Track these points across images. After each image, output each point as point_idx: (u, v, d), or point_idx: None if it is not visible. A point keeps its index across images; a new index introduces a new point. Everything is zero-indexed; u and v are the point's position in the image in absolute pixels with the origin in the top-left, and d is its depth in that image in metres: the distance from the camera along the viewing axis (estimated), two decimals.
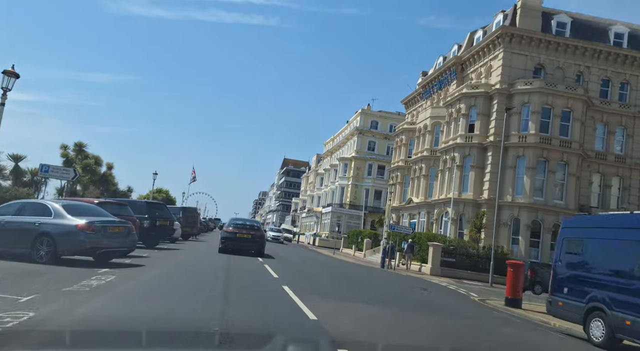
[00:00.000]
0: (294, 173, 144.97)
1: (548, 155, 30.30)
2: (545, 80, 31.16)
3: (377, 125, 65.33)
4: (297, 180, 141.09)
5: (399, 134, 46.00)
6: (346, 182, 64.59)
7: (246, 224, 21.62)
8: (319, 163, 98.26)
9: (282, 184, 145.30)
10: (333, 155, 79.46)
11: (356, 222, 61.49)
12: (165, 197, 69.05)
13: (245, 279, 12.03)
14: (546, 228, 29.85)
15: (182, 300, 8.04)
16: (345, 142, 70.86)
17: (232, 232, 20.42)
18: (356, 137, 64.43)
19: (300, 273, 16.50)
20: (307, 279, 14.80)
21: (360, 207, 62.69)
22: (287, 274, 14.28)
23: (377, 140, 64.59)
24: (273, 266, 16.09)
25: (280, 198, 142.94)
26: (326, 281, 14.99)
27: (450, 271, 27.38)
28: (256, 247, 20.69)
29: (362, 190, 63.16)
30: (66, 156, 34.71)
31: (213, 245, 27.25)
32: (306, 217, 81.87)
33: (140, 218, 17.85)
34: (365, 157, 63.30)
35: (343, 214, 61.38)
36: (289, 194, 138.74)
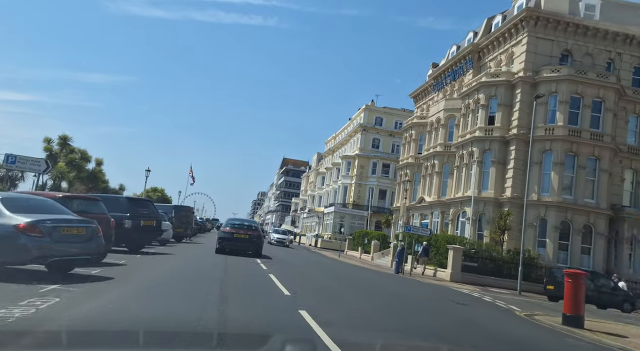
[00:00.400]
0: (293, 173, 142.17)
1: (577, 149, 27.54)
2: (575, 67, 28.39)
3: (381, 122, 62.55)
4: (297, 180, 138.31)
5: (408, 129, 43.23)
6: (349, 181, 61.80)
7: (243, 224, 21.14)
8: (319, 162, 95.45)
9: (281, 184, 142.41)
10: (335, 154, 76.67)
11: (360, 222, 58.70)
12: (161, 196, 66.22)
13: (249, 298, 9.20)
14: (576, 230, 27.09)
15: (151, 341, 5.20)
16: (348, 139, 68.06)
17: (229, 232, 19.95)
18: (360, 134, 61.64)
19: (311, 284, 13.69)
20: (322, 293, 12.00)
21: (364, 207, 59.92)
22: (298, 288, 11.46)
23: (381, 137, 61.81)
24: (279, 275, 13.28)
25: (279, 198, 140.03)
26: (347, 296, 12.19)
27: (472, 277, 24.62)
28: (253, 247, 20.24)
29: (366, 190, 60.38)
30: (49, 150, 31.89)
31: (208, 247, 24.43)
32: (307, 218, 79.05)
33: (119, 217, 15.03)
34: (369, 155, 60.53)
35: (346, 214, 58.58)
36: (289, 194, 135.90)
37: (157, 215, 17.01)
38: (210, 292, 8.94)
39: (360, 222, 58.77)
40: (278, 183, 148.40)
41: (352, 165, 62.06)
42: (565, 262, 26.86)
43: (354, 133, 64.56)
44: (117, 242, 15.85)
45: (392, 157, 60.26)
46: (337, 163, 67.72)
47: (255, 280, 12.01)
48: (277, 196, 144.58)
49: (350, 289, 14.13)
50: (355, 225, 58.95)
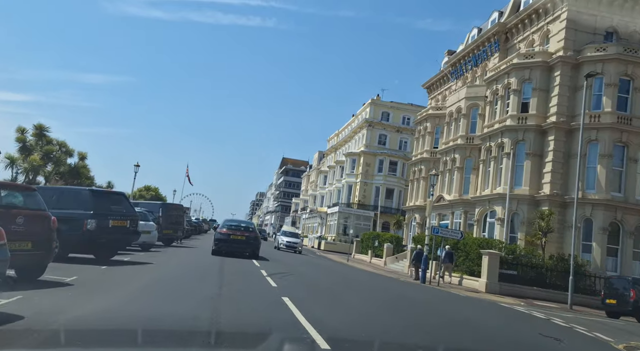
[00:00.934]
0: (293, 172, 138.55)
1: (628, 139, 23.89)
2: (623, 46, 24.76)
3: (388, 117, 58.90)
4: (297, 179, 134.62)
5: (422, 122, 39.52)
6: (354, 180, 58.13)
7: (240, 226, 20.76)
8: (321, 160, 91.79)
9: (281, 184, 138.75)
10: (338, 151, 73.03)
11: (366, 223, 55.05)
12: (155, 195, 62.53)
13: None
14: (627, 232, 23.45)
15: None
16: (352, 136, 64.39)
17: (226, 233, 19.52)
18: (365, 130, 57.97)
19: (329, 298, 9.98)
20: (358, 321, 8.26)
21: (370, 207, 56.31)
22: (317, 307, 7.74)
23: (388, 133, 58.15)
24: (295, 297, 9.57)
25: (279, 198, 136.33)
26: (387, 320, 8.47)
27: (510, 288, 20.94)
28: (250, 249, 19.95)
29: (372, 189, 56.73)
30: (23, 141, 28.06)
31: (201, 253, 20.73)
32: (309, 218, 75.36)
33: (80, 216, 11.36)
34: (376, 152, 56.86)
35: (351, 215, 54.87)
36: (289, 194, 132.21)
37: (132, 214, 13.30)
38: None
39: (366, 223, 55.13)
40: (277, 183, 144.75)
41: (357, 162, 58.38)
42: (614, 269, 23.23)
43: (359, 129, 60.90)
44: (78, 249, 12.19)
45: (399, 154, 56.64)
46: (341, 161, 64.06)
47: (268, 314, 8.28)
48: (277, 196, 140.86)
49: (387, 310, 10.46)
50: (361, 226, 55.27)
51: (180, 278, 11.43)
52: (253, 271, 14.50)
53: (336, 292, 13.01)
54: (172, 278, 11.44)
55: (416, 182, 37.74)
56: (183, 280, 11.19)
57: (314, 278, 16.42)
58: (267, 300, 9.19)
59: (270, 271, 14.67)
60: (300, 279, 14.85)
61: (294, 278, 14.52)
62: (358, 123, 61.88)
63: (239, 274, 13.47)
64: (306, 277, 16.25)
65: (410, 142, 58.39)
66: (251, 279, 12.61)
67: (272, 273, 14.11)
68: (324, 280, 16.60)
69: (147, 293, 8.54)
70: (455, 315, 11.74)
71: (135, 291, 8.53)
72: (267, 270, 15.24)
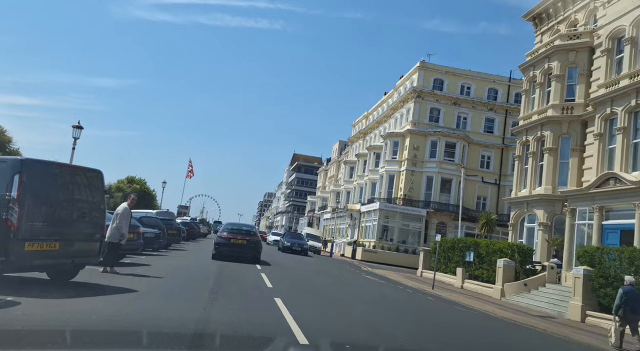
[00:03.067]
0: (306, 168, 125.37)
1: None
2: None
3: (442, 85, 45.37)
4: (311, 176, 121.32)
5: (539, 63, 25.19)
6: (396, 168, 44.69)
7: (242, 229, 20.13)
8: (343, 151, 78.38)
9: (292, 181, 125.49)
10: (369, 136, 59.62)
11: (415, 224, 41.59)
12: (140, 189, 49.36)
13: None
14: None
15: None
16: (390, 114, 50.91)
17: (226, 237, 19.03)
18: (412, 103, 44.50)
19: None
20: None
21: (419, 203, 42.84)
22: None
23: (442, 107, 44.65)
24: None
25: (290, 197, 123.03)
26: None
27: None
28: (251, 253, 19.23)
29: (422, 179, 43.24)
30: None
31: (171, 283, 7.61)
32: (332, 219, 61.92)
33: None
34: (427, 131, 43.40)
35: (396, 213, 41.36)
36: (302, 193, 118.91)
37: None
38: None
39: (415, 224, 41.66)
40: (289, 180, 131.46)
41: (400, 145, 44.92)
42: None
43: (402, 103, 47.39)
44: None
45: (458, 134, 43.12)
46: (377, 146, 50.68)
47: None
48: (288, 195, 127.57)
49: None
50: (409, 228, 41.81)
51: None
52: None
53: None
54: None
55: (532, 159, 24.11)
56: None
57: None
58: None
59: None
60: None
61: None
62: (400, 95, 48.38)
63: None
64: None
65: (471, 118, 44.84)
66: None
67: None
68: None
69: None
70: None
71: None
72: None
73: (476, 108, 44.73)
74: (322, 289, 13.64)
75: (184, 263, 16.15)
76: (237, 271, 14.68)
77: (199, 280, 11.75)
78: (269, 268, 17.10)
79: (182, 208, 75.50)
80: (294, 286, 13.28)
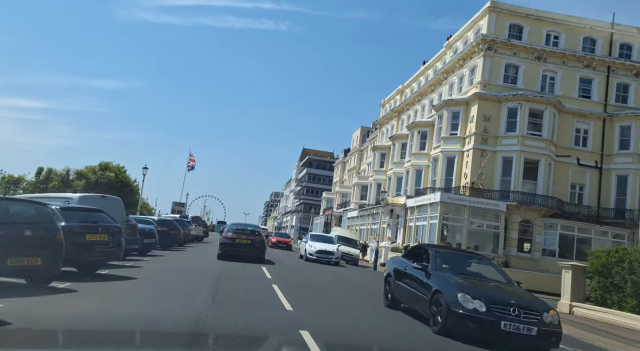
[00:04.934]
0: (318, 163, 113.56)
1: None
2: None
3: (520, 33, 33.40)
4: (324, 171, 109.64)
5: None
6: (457, 147, 32.88)
7: (246, 229, 20.25)
8: (367, 138, 66.65)
9: (303, 178, 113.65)
10: (405, 115, 47.80)
11: (490, 222, 29.77)
12: (115, 178, 37.78)
13: None
14: None
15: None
16: (442, 79, 39.02)
17: (231, 237, 19.15)
18: (481, 58, 32.58)
19: None
20: None
21: (491, 194, 30.99)
22: None
23: (522, 63, 32.70)
24: None
25: (301, 195, 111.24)
26: None
27: None
28: (256, 253, 19.25)
29: (497, 161, 31.35)
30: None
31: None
32: (359, 217, 50.04)
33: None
34: (503, 95, 31.53)
35: (464, 208, 29.46)
36: (314, 190, 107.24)
37: None
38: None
39: (490, 223, 29.78)
40: (299, 177, 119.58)
41: (462, 117, 33.07)
42: None
43: (462, 62, 35.46)
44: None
45: (547, 98, 31.18)
46: (423, 123, 39.00)
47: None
48: (298, 193, 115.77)
49: None
50: (483, 229, 29.96)
51: None
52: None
53: None
54: None
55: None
56: None
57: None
58: None
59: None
60: None
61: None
62: (457, 53, 36.48)
63: None
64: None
65: (560, 78, 32.90)
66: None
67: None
68: None
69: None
70: None
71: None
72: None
73: (567, 64, 32.76)
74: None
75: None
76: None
77: None
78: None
79: (178, 205, 63.91)
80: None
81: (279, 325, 7.19)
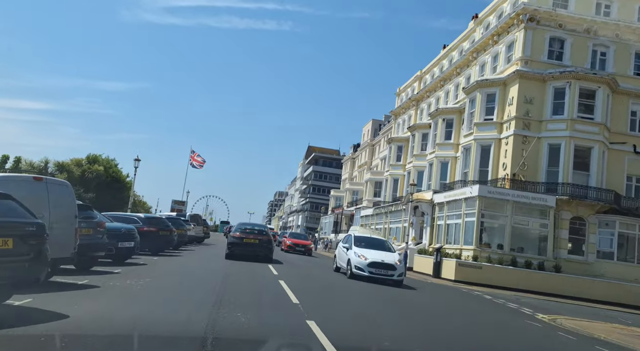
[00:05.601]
0: (325, 161, 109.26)
1: None
2: None
3: (567, 2, 29.08)
4: (331, 169, 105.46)
5: None
6: (494, 134, 28.59)
7: (254, 229, 20.08)
8: (379, 132, 62.37)
9: (309, 176, 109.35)
10: (425, 103, 43.48)
11: (536, 220, 25.48)
12: (103, 173, 33.63)
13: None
14: None
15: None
16: (471, 59, 34.70)
17: (239, 237, 18.99)
18: (522, 31, 28.22)
19: None
20: None
21: (536, 187, 26.70)
22: None
23: (568, 36, 28.35)
24: None
25: (307, 193, 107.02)
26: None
27: None
28: (264, 252, 19.12)
29: (542, 149, 27.04)
30: None
31: None
32: (374, 216, 45.73)
33: None
34: (548, 73, 27.20)
35: (506, 203, 25.15)
36: (321, 188, 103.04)
37: None
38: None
39: (536, 221, 25.50)
40: (305, 175, 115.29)
41: (499, 99, 28.75)
42: None
43: (497, 37, 31.11)
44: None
45: (600, 75, 26.81)
46: (449, 109, 34.80)
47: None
48: (304, 191, 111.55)
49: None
50: (528, 227, 25.66)
51: None
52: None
53: None
54: None
55: None
56: None
57: None
58: None
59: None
60: None
61: None
62: (489, 30, 32.15)
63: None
64: None
65: (613, 53, 28.59)
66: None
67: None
68: None
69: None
70: None
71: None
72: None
73: (621, 37, 28.43)
74: None
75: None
76: None
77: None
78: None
79: (178, 203, 59.71)
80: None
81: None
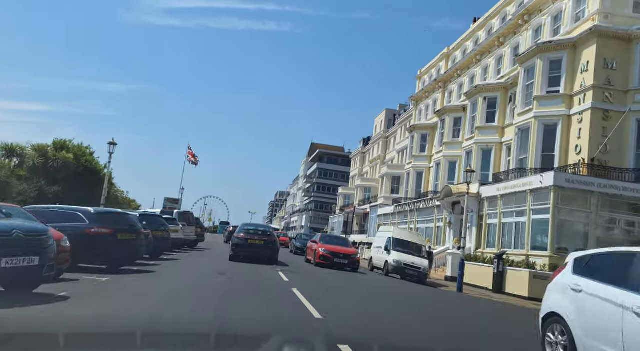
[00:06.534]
0: (329, 158, 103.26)
1: None
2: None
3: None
4: (337, 167, 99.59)
5: None
6: (561, 110, 22.49)
7: (258, 230, 19.93)
8: (396, 122, 56.25)
9: (313, 174, 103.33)
10: (453, 85, 37.45)
11: (626, 217, 19.35)
12: (73, 161, 27.44)
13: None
14: None
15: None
16: (520, 23, 28.68)
17: (244, 238, 18.68)
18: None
19: None
20: None
21: (624, 175, 20.61)
22: None
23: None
24: None
25: (311, 192, 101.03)
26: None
27: None
28: (269, 254, 18.85)
29: (630, 126, 20.96)
30: None
31: None
32: (395, 214, 39.61)
33: None
34: (635, 30, 21.17)
35: (591, 195, 19.11)
36: (326, 187, 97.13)
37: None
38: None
39: (626, 218, 19.40)
40: (308, 173, 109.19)
41: (567, 66, 22.69)
42: None
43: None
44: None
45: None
46: (488, 87, 28.92)
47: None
48: (308, 190, 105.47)
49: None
50: (614, 227, 19.59)
51: None
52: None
53: None
54: None
55: None
56: None
57: None
58: None
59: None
60: None
61: None
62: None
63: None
64: None
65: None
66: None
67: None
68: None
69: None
70: None
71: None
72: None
73: None
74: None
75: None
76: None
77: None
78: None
79: (171, 201, 53.49)
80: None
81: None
